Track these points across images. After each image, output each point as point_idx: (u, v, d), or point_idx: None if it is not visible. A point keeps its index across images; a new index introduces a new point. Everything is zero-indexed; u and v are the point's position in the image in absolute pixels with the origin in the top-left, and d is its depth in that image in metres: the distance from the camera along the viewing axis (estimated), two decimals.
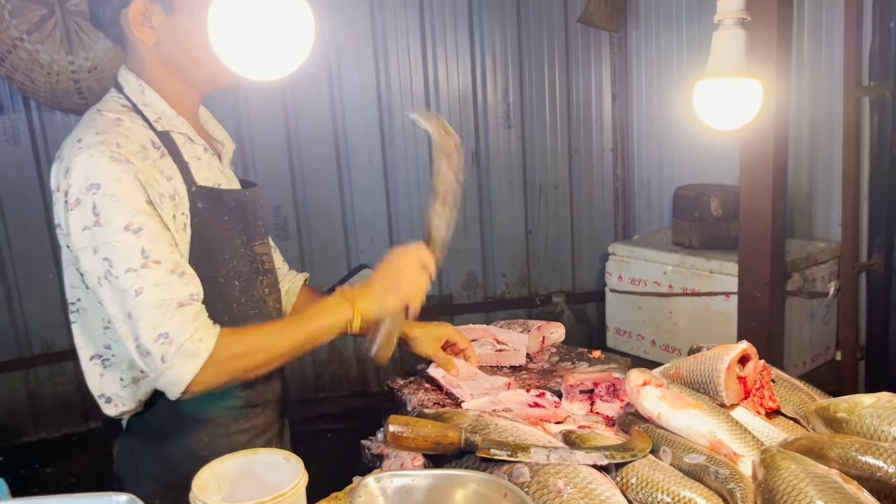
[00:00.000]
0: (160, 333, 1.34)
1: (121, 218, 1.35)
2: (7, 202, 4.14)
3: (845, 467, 1.21)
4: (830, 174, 3.82)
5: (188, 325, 1.36)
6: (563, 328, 2.15)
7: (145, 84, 1.52)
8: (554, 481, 1.29)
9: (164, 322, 1.34)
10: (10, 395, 4.33)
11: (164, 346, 1.34)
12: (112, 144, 1.38)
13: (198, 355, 1.36)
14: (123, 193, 1.36)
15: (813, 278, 3.64)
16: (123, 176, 1.36)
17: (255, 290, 1.62)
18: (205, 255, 1.50)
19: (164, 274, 1.36)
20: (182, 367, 1.35)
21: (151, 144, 1.46)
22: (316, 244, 4.75)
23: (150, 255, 1.36)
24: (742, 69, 1.68)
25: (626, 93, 4.86)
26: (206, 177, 1.55)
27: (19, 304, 4.26)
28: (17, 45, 3.67)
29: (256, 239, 1.64)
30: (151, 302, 1.34)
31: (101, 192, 1.35)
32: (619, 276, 4.10)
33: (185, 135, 1.55)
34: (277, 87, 4.48)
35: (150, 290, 1.34)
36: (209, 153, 1.61)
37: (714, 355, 1.60)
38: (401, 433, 1.38)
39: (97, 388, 1.53)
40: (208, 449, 1.56)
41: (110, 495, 1.01)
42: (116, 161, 1.36)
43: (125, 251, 1.34)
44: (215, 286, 1.52)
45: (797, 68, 3.74)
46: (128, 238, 1.35)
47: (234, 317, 1.55)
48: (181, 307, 1.36)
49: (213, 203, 1.53)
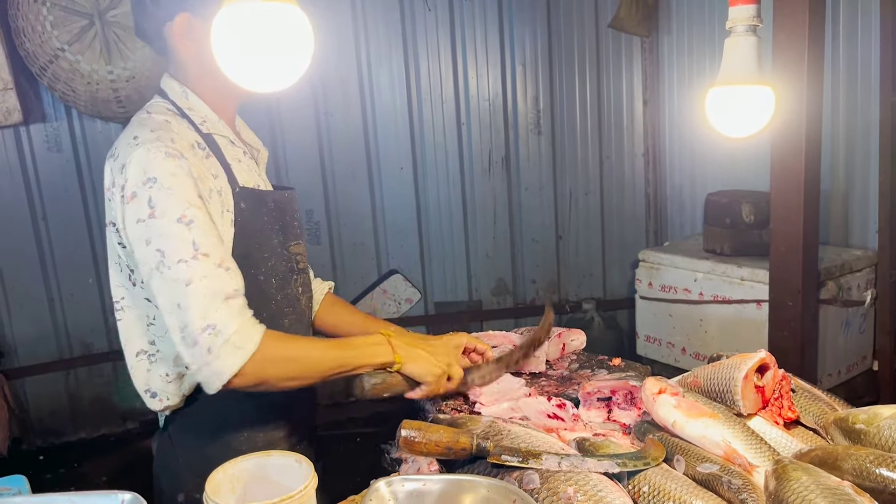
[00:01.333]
0: (208, 324, 1.38)
1: (174, 210, 1.40)
2: (49, 208, 4.27)
3: (859, 479, 1.20)
4: (867, 180, 3.74)
5: (235, 318, 1.40)
6: (583, 335, 2.15)
7: (188, 90, 1.59)
8: (564, 488, 1.30)
9: (211, 313, 1.38)
10: (51, 396, 4.46)
11: (212, 337, 1.38)
12: (167, 140, 1.45)
13: (243, 348, 1.40)
14: (178, 187, 1.41)
15: (848, 286, 3.56)
16: (178, 170, 1.42)
17: (289, 288, 1.68)
18: (245, 253, 1.56)
19: (212, 267, 1.41)
20: (227, 358, 1.39)
21: (197, 145, 1.53)
22: (347, 249, 4.80)
23: (199, 248, 1.40)
24: (754, 76, 1.66)
25: (657, 98, 4.83)
26: (247, 178, 1.62)
27: (60, 307, 4.39)
28: (59, 56, 3.79)
29: (292, 239, 1.70)
30: (200, 293, 1.38)
31: (158, 185, 1.40)
32: (650, 282, 4.07)
33: (226, 137, 1.62)
34: (310, 94, 4.55)
35: (200, 282, 1.39)
36: (248, 157, 1.68)
37: (731, 364, 1.58)
38: (413, 438, 1.40)
39: (143, 383, 1.58)
40: (247, 444, 1.62)
41: (116, 493, 1.04)
42: (171, 156, 1.42)
43: (177, 243, 1.39)
44: (255, 283, 1.57)
45: (831, 73, 3.67)
46: (180, 230, 1.40)
47: (272, 314, 1.61)
48: (227, 300, 1.41)
49: (254, 203, 1.59)
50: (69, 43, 3.78)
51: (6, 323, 4.30)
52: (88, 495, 1.05)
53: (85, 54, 3.81)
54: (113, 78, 3.86)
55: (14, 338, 4.32)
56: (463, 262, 4.94)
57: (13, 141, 4.16)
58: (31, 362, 4.36)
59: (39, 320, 4.36)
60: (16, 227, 4.22)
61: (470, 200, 4.87)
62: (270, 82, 1.18)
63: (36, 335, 4.36)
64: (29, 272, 4.29)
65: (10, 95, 3.87)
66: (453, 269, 4.94)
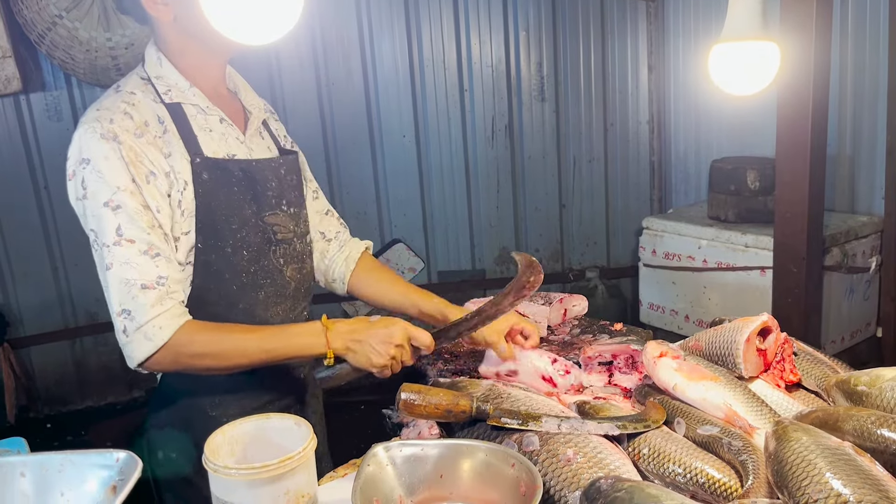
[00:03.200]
0: (123, 309, 1.43)
1: (102, 194, 1.43)
2: (51, 177, 4.25)
3: (860, 440, 1.19)
4: (874, 146, 3.69)
5: (149, 309, 1.43)
6: (585, 301, 2.14)
7: (163, 57, 1.57)
8: (564, 450, 1.30)
9: (127, 300, 1.43)
10: (57, 365, 4.49)
11: (127, 321, 1.43)
12: (105, 121, 1.45)
13: (153, 340, 1.43)
14: (108, 170, 1.43)
15: (853, 253, 3.55)
16: (110, 153, 1.44)
17: (266, 259, 1.63)
18: (211, 225, 1.54)
19: (135, 254, 1.43)
20: (138, 346, 1.44)
21: (157, 120, 1.51)
22: (349, 218, 4.69)
23: (123, 234, 1.43)
24: (758, 32, 1.62)
25: (662, 64, 4.76)
26: (216, 148, 1.58)
27: (65, 276, 4.39)
28: (57, 22, 3.74)
29: (266, 209, 1.63)
30: (118, 278, 1.43)
31: (90, 167, 1.44)
32: (654, 250, 4.05)
33: (196, 105, 1.58)
34: (311, 61, 4.50)
35: (119, 268, 1.43)
36: (225, 124, 1.63)
37: (733, 327, 1.57)
38: (413, 401, 1.40)
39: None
40: (218, 409, 1.63)
41: (111, 452, 1.05)
42: (105, 139, 1.44)
43: (104, 226, 1.44)
44: (223, 256, 1.56)
45: (839, 35, 3.61)
46: (107, 214, 1.43)
47: (243, 286, 1.60)
48: (144, 289, 1.43)
49: (219, 173, 1.55)
50: (67, 10, 3.73)
51: (11, 292, 4.31)
52: (83, 453, 1.06)
53: (83, 21, 3.76)
54: (112, 45, 3.82)
55: (19, 307, 4.33)
56: (466, 230, 4.92)
57: (13, 109, 4.13)
58: (36, 331, 4.38)
59: (44, 290, 4.36)
60: (18, 196, 4.21)
61: (473, 168, 4.84)
62: (260, 33, 1.16)
63: (41, 304, 4.37)
64: (32, 242, 4.29)
65: (8, 63, 3.83)
66: (456, 237, 4.93)
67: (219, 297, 1.58)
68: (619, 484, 1.09)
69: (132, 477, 1.00)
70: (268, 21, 1.11)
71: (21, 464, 1.05)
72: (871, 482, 1.04)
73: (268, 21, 1.11)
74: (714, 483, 1.24)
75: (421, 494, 1.28)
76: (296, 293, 1.72)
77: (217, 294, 1.57)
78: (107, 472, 1.03)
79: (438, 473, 1.28)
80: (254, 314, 1.62)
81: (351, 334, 1.53)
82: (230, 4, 1.11)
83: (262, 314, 1.63)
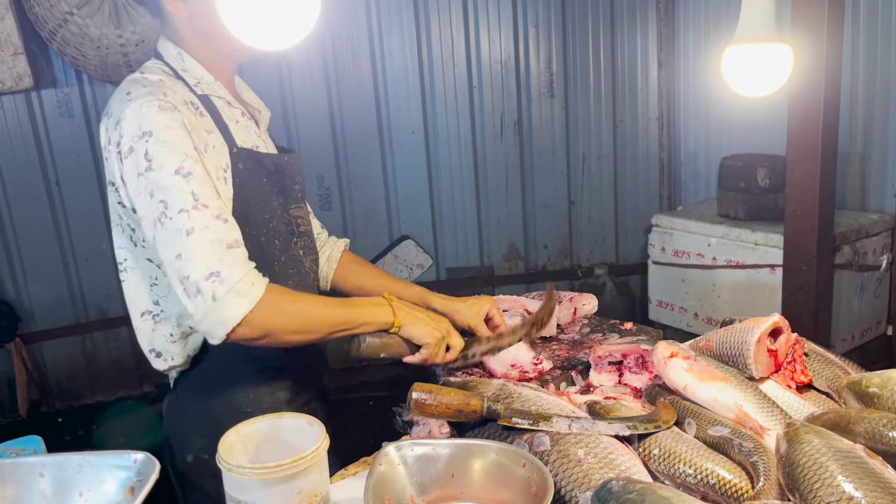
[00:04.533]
0: (212, 272, 1.37)
1: (172, 162, 1.40)
2: (62, 174, 4.28)
3: (871, 442, 1.19)
4: (885, 143, 3.68)
5: (239, 267, 1.40)
6: (595, 299, 2.14)
7: (184, 51, 1.58)
8: (574, 450, 1.30)
9: (215, 262, 1.38)
10: (69, 360, 4.53)
11: (216, 285, 1.37)
12: (160, 94, 1.44)
13: (248, 296, 1.39)
14: (173, 139, 1.41)
15: (864, 251, 3.53)
16: (172, 123, 1.41)
17: (292, 250, 1.68)
18: (245, 213, 1.55)
19: (210, 218, 1.41)
20: (232, 306, 1.38)
21: (191, 105, 1.51)
22: (359, 215, 4.80)
23: (199, 199, 1.40)
24: (772, 34, 1.62)
25: (672, 60, 4.75)
26: (245, 139, 1.61)
27: (76, 272, 4.43)
28: (68, 20, 3.76)
29: (293, 202, 1.69)
30: (203, 242, 1.38)
31: (154, 138, 1.40)
32: (663, 247, 4.05)
33: (223, 98, 1.60)
34: (320, 58, 4.51)
35: (202, 231, 1.39)
36: (246, 117, 1.66)
37: (744, 328, 1.57)
38: (424, 400, 1.40)
39: (148, 342, 1.60)
40: (252, 405, 1.63)
41: (128, 453, 1.06)
42: (165, 109, 1.42)
43: (177, 193, 1.39)
44: (257, 244, 1.57)
45: (851, 33, 3.59)
46: (178, 181, 1.39)
47: (274, 275, 1.60)
48: (230, 248, 1.41)
49: (253, 164, 1.58)
50: (78, 6, 3.75)
51: (23, 288, 4.34)
52: (101, 454, 1.07)
53: (94, 18, 3.78)
54: (122, 42, 3.84)
55: (31, 302, 4.37)
56: (475, 227, 4.93)
57: (25, 106, 4.16)
58: (47, 326, 4.41)
59: (55, 285, 4.40)
60: (29, 192, 4.24)
61: (482, 165, 4.84)
62: (276, 40, 1.16)
63: (52, 300, 4.41)
64: (44, 237, 4.33)
65: (20, 60, 3.86)
66: (465, 234, 4.94)
67: None
68: (630, 486, 1.09)
69: (150, 478, 1.01)
70: (283, 27, 1.12)
71: (40, 464, 1.06)
72: (883, 485, 1.04)
73: (283, 27, 1.12)
74: (725, 484, 1.24)
75: (432, 494, 1.28)
76: (313, 284, 1.77)
77: None
78: (125, 472, 1.04)
79: (450, 473, 1.29)
80: None
81: (412, 308, 1.64)
82: (247, 9, 1.12)
83: None
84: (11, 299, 4.30)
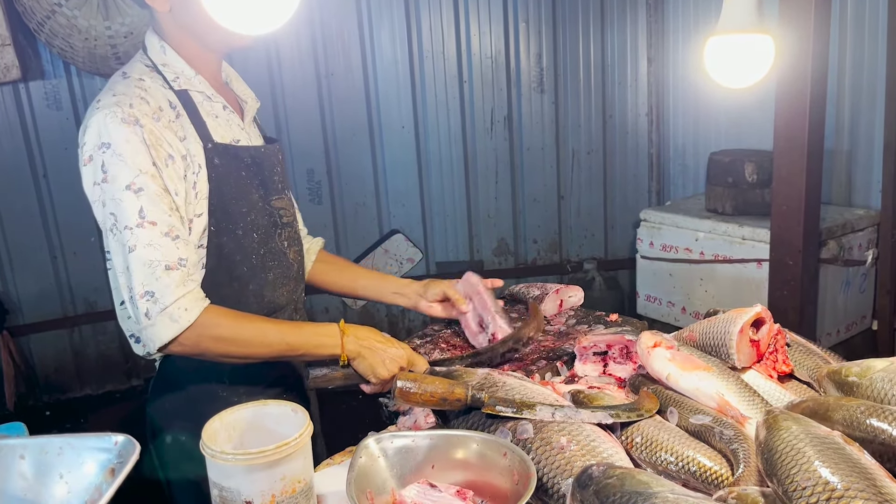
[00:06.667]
0: (147, 291, 1.43)
1: (124, 177, 1.43)
2: (50, 166, 4.26)
3: (849, 430, 1.20)
4: (872, 139, 3.70)
5: (174, 290, 1.43)
6: (581, 291, 2.15)
7: (166, 45, 1.59)
8: (557, 438, 1.31)
9: (151, 281, 1.43)
10: (57, 353, 4.51)
11: (150, 304, 1.43)
12: (125, 106, 1.46)
13: (178, 322, 1.43)
14: (130, 154, 1.44)
15: (850, 246, 3.56)
16: (132, 137, 1.44)
17: (273, 242, 1.69)
18: (223, 209, 1.57)
19: (157, 235, 1.44)
20: (162, 328, 1.43)
21: (169, 105, 1.53)
22: (348, 209, 4.80)
23: (146, 216, 1.44)
24: (754, 24, 1.63)
25: (661, 56, 4.77)
26: (224, 134, 1.62)
27: (63, 265, 4.41)
28: (56, 11, 3.74)
29: (274, 194, 1.70)
30: (142, 260, 1.43)
31: (111, 150, 1.44)
32: (651, 242, 4.06)
33: (202, 93, 1.61)
34: (310, 52, 4.50)
35: (143, 249, 1.43)
36: (228, 111, 1.67)
37: (727, 318, 1.59)
38: (408, 389, 1.41)
39: (127, 329, 1.62)
40: (228, 389, 1.65)
41: (109, 435, 1.07)
42: (126, 123, 1.44)
43: (126, 208, 1.43)
44: (234, 239, 1.59)
45: (838, 29, 3.61)
46: (129, 197, 1.43)
47: (253, 268, 1.64)
48: (168, 270, 1.44)
49: (229, 159, 1.60)
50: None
51: (10, 280, 4.32)
52: (82, 437, 1.07)
53: (82, 9, 3.76)
54: (111, 34, 3.82)
55: (18, 295, 4.35)
56: (464, 221, 4.94)
57: (12, 98, 4.13)
58: (35, 319, 4.39)
59: (43, 278, 4.38)
60: (17, 184, 4.22)
61: (472, 160, 4.85)
62: (257, 23, 1.16)
63: (40, 293, 4.39)
64: (31, 230, 4.30)
65: (7, 51, 3.83)
66: (455, 228, 4.94)
67: (230, 278, 1.61)
68: (610, 471, 1.10)
69: (130, 460, 1.01)
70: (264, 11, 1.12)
71: (21, 446, 1.06)
72: (859, 471, 1.05)
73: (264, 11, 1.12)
74: (705, 471, 1.26)
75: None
76: (297, 275, 1.79)
77: (229, 276, 1.61)
78: (105, 454, 1.05)
79: (430, 464, 1.29)
80: (263, 295, 1.67)
81: (366, 341, 1.59)
82: None
83: (270, 295, 1.69)
84: None
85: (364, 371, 1.59)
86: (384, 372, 1.58)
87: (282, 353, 1.55)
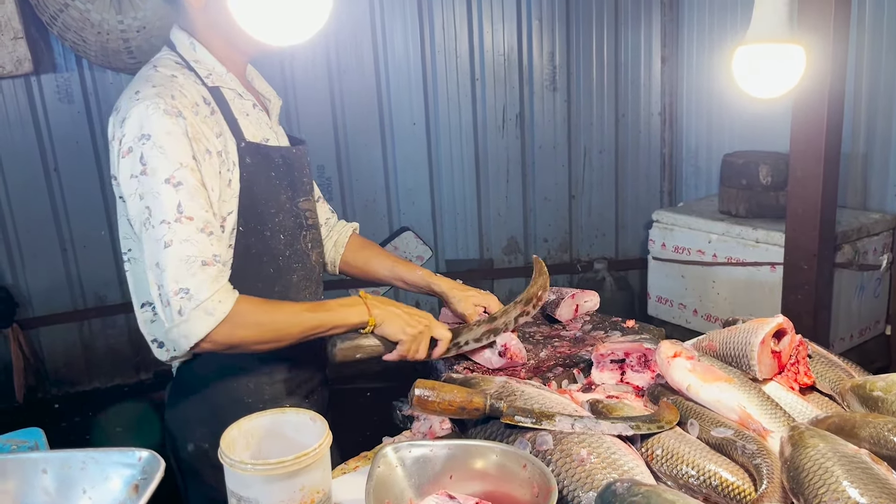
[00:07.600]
0: (181, 288, 1.39)
1: (164, 170, 1.40)
2: (61, 160, 4.26)
3: (876, 447, 1.19)
4: (888, 143, 3.67)
5: (209, 285, 1.40)
6: (597, 296, 2.13)
7: (196, 42, 1.58)
8: (577, 450, 1.30)
9: (186, 278, 1.39)
10: (66, 347, 4.51)
11: (184, 301, 1.39)
12: (167, 97, 1.43)
13: (214, 315, 1.40)
14: (171, 146, 1.41)
15: (865, 250, 3.53)
16: (174, 129, 1.42)
17: (298, 244, 1.68)
18: (252, 209, 1.56)
19: (193, 231, 1.41)
20: (197, 323, 1.40)
21: (203, 101, 1.51)
22: (359, 206, 4.78)
23: (184, 211, 1.41)
24: (785, 34, 1.61)
25: (676, 56, 4.73)
26: (255, 132, 1.60)
27: (74, 258, 4.41)
28: (69, 4, 3.73)
29: (301, 195, 1.69)
30: (177, 256, 1.39)
31: (151, 142, 1.40)
32: (663, 243, 4.04)
33: (234, 90, 1.60)
34: (322, 48, 4.48)
35: (178, 245, 1.40)
36: (258, 109, 1.66)
37: (748, 328, 1.57)
38: (426, 397, 1.39)
39: (149, 332, 1.61)
40: (253, 395, 1.64)
41: (133, 450, 1.06)
42: (169, 114, 1.42)
43: (163, 203, 1.40)
44: (262, 239, 1.58)
45: (856, 33, 3.58)
46: (167, 190, 1.40)
47: (279, 269, 1.63)
48: (204, 266, 1.41)
49: (260, 159, 1.58)
50: None
51: (20, 274, 4.33)
52: (106, 451, 1.06)
53: (95, 3, 3.74)
54: (123, 28, 3.80)
55: (28, 288, 4.35)
56: (475, 220, 4.92)
57: (24, 91, 4.13)
58: (45, 313, 4.40)
59: (53, 271, 4.38)
60: (28, 178, 4.22)
61: (483, 158, 4.82)
62: (287, 35, 1.15)
63: (50, 286, 4.39)
64: (42, 223, 4.30)
65: (20, 44, 3.83)
66: (465, 226, 4.93)
67: (257, 279, 1.59)
68: (635, 488, 1.09)
69: (155, 477, 1.00)
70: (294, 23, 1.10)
71: (43, 460, 1.04)
72: (889, 491, 1.03)
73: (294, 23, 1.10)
74: (728, 486, 1.24)
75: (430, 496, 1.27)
76: (318, 278, 1.79)
77: (256, 276, 1.59)
78: (129, 470, 1.03)
79: (448, 475, 1.27)
80: (287, 297, 1.66)
81: (387, 304, 1.62)
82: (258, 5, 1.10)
83: (294, 297, 1.68)
84: (9, 285, 4.29)
85: (394, 331, 1.60)
86: (411, 329, 1.61)
87: (313, 329, 1.54)
